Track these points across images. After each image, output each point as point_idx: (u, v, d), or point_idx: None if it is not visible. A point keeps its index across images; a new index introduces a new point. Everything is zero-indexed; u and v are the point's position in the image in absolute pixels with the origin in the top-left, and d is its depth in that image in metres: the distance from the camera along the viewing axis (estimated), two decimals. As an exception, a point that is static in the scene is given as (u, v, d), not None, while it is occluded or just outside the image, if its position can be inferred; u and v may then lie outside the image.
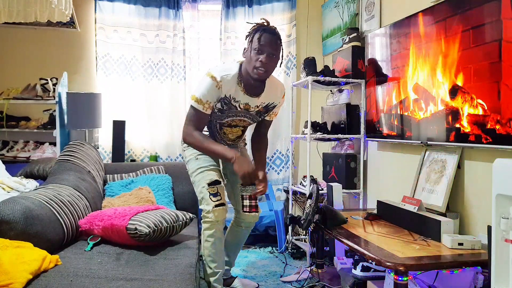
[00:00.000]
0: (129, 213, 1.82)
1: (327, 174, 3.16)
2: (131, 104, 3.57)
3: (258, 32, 1.93)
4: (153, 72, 3.59)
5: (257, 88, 2.07)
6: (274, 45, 1.94)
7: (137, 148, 3.60)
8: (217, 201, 2.02)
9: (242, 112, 2.11)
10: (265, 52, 1.91)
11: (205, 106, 2.02)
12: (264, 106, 2.15)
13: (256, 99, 2.09)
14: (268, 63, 1.93)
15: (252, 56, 1.93)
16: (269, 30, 1.95)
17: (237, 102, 2.06)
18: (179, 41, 3.57)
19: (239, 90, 2.03)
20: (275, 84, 2.16)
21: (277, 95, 2.18)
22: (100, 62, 3.51)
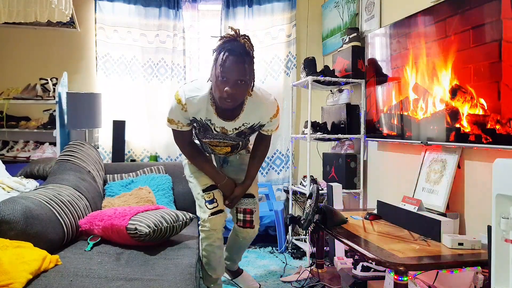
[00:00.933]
0: (129, 213, 1.82)
1: (327, 174, 3.16)
2: (131, 104, 3.57)
3: (222, 53, 1.66)
4: (153, 72, 3.59)
5: (233, 112, 1.84)
6: (241, 70, 1.65)
7: (137, 148, 3.60)
8: (213, 209, 1.95)
9: (219, 135, 1.94)
10: (230, 81, 1.65)
11: (178, 125, 1.90)
12: (249, 127, 1.93)
13: (232, 122, 1.87)
14: (236, 92, 1.67)
15: (217, 83, 1.68)
16: (234, 50, 1.64)
17: (213, 124, 1.88)
18: (179, 41, 3.57)
19: (211, 112, 1.83)
20: (259, 103, 1.86)
21: (263, 116, 1.90)
22: (100, 62, 3.51)
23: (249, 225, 2.08)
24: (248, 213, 2.07)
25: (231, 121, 1.86)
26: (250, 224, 2.08)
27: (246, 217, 2.07)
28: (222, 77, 1.65)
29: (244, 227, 2.08)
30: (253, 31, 3.59)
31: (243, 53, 1.66)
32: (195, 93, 1.81)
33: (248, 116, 1.87)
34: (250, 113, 1.87)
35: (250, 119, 1.89)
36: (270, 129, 2.02)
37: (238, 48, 1.65)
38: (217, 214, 1.95)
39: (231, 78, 1.65)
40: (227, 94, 1.66)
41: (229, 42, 1.67)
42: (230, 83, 1.65)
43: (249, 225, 2.08)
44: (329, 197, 2.75)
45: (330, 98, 3.34)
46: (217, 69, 1.66)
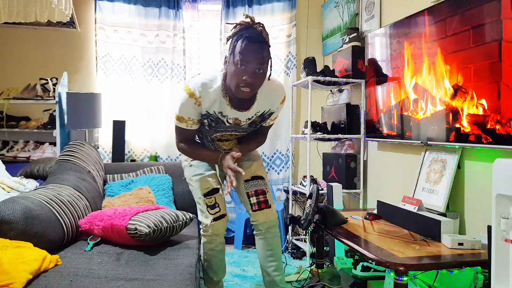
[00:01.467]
0: (129, 213, 1.82)
1: (327, 174, 3.16)
2: (131, 104, 3.57)
3: (240, 40, 1.59)
4: (153, 72, 3.59)
5: (246, 102, 1.77)
6: (260, 58, 1.59)
7: (137, 148, 3.60)
8: (216, 214, 1.88)
9: (232, 127, 1.86)
10: (249, 68, 1.58)
11: (188, 123, 1.80)
12: (259, 115, 1.86)
13: (246, 112, 1.80)
14: (254, 81, 1.61)
15: (235, 72, 1.61)
16: (253, 37, 1.59)
17: (225, 116, 1.80)
18: (179, 41, 3.57)
19: (224, 104, 1.75)
20: (270, 90, 1.81)
21: (274, 102, 1.84)
22: (100, 62, 3.51)
23: (265, 205, 1.89)
24: (260, 193, 1.90)
25: (245, 111, 1.78)
26: (265, 204, 1.89)
27: (259, 198, 1.90)
28: (241, 65, 1.58)
29: (260, 209, 1.88)
30: (253, 31, 3.59)
31: (261, 41, 1.60)
32: (209, 85, 1.72)
33: (260, 104, 1.81)
34: (262, 101, 1.80)
35: (262, 107, 1.82)
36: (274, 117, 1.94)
37: (256, 36, 1.59)
38: (219, 219, 1.89)
39: (250, 66, 1.59)
40: (245, 83, 1.60)
41: (245, 29, 1.61)
42: (249, 72, 1.59)
43: (264, 206, 1.89)
44: (329, 197, 2.75)
45: (330, 98, 3.34)
46: (236, 57, 1.59)
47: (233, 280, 2.54)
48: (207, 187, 1.91)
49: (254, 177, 1.94)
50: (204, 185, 1.91)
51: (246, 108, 1.78)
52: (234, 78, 1.62)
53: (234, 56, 1.60)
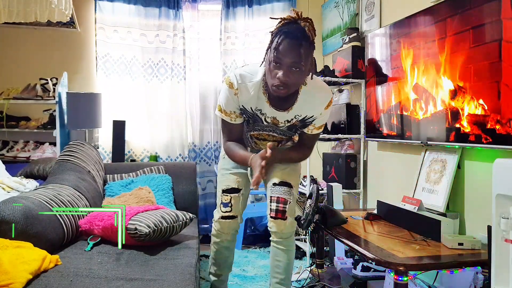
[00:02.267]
0: (129, 213, 1.82)
1: (327, 174, 3.16)
2: (131, 104, 3.57)
3: (278, 36, 1.53)
4: (153, 72, 3.59)
5: (286, 101, 1.70)
6: (296, 55, 1.51)
7: (137, 148, 3.60)
8: (226, 213, 1.85)
9: (269, 126, 1.78)
10: (284, 65, 1.53)
11: (232, 117, 1.75)
12: (300, 120, 1.76)
13: (285, 113, 1.72)
14: (289, 79, 1.54)
15: (270, 69, 1.57)
16: (292, 33, 1.51)
17: (263, 114, 1.74)
18: (179, 41, 3.57)
19: (263, 101, 1.70)
20: (314, 92, 1.70)
21: (317, 106, 1.72)
22: (100, 62, 3.51)
23: (281, 215, 1.77)
24: (281, 202, 1.78)
25: (284, 111, 1.71)
26: (282, 215, 1.77)
27: (278, 206, 1.78)
28: (276, 62, 1.53)
29: (275, 218, 1.77)
30: (253, 31, 3.60)
31: (300, 37, 1.51)
32: (249, 78, 1.67)
33: (302, 108, 1.72)
34: (304, 104, 1.71)
35: (303, 110, 1.73)
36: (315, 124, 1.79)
37: (296, 31, 1.51)
38: (228, 219, 1.86)
39: (285, 63, 1.52)
40: (280, 80, 1.53)
41: (288, 24, 1.54)
42: (283, 69, 1.53)
43: (281, 216, 1.77)
44: (329, 197, 2.75)
45: (330, 98, 3.34)
46: (271, 53, 1.55)
47: (233, 280, 2.54)
48: (227, 184, 1.88)
49: (282, 183, 1.82)
50: (225, 181, 1.89)
51: (286, 108, 1.71)
52: (269, 75, 1.58)
53: (270, 52, 1.56)
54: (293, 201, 1.85)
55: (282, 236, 1.81)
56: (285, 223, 1.78)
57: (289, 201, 1.81)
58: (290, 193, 1.82)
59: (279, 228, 1.78)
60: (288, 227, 1.79)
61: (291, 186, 1.83)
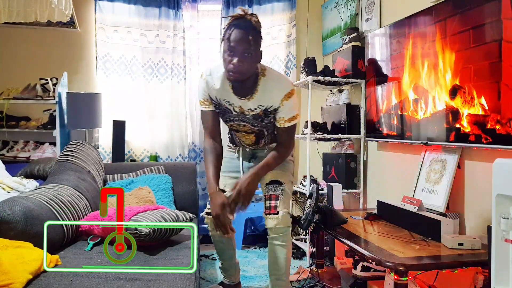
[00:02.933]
0: (129, 213, 1.82)
1: (327, 174, 3.16)
2: (131, 104, 3.57)
3: (229, 29, 1.71)
4: (153, 72, 3.59)
5: (247, 89, 1.83)
6: (246, 42, 1.69)
7: (137, 148, 3.60)
8: (209, 209, 2.01)
9: (238, 116, 1.92)
10: (237, 53, 1.69)
11: (206, 104, 1.95)
12: (263, 110, 1.87)
13: (247, 101, 1.85)
14: (242, 64, 1.70)
15: (225, 58, 1.73)
16: (241, 24, 1.70)
17: (231, 105, 1.90)
18: (179, 41, 3.57)
19: (230, 92, 1.86)
20: (272, 82, 1.84)
21: (274, 97, 1.83)
22: (100, 62, 3.51)
23: (273, 210, 1.88)
24: (273, 198, 1.91)
25: (245, 99, 1.85)
26: (274, 210, 1.88)
27: (271, 203, 1.90)
28: (230, 50, 1.70)
29: (268, 214, 1.89)
30: (253, 31, 3.59)
31: (248, 27, 1.71)
32: (215, 71, 1.88)
33: (263, 98, 1.84)
34: (263, 94, 1.84)
35: (264, 100, 1.85)
36: (283, 116, 1.87)
37: (244, 23, 1.71)
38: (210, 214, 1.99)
39: (237, 50, 1.69)
40: (234, 65, 1.70)
41: (236, 19, 1.72)
42: (237, 55, 1.69)
43: (273, 211, 1.88)
44: (329, 197, 2.75)
45: (330, 98, 3.34)
46: (225, 44, 1.73)
47: (233, 280, 2.54)
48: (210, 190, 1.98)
49: (273, 181, 1.96)
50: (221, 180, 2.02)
51: (246, 96, 1.85)
52: (225, 63, 1.74)
53: (224, 43, 1.73)
54: (285, 196, 1.94)
55: (277, 231, 1.88)
56: (277, 217, 1.87)
57: (280, 196, 1.92)
58: (281, 189, 1.94)
59: (272, 223, 1.88)
60: (281, 221, 1.87)
61: (282, 183, 1.95)
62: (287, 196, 1.96)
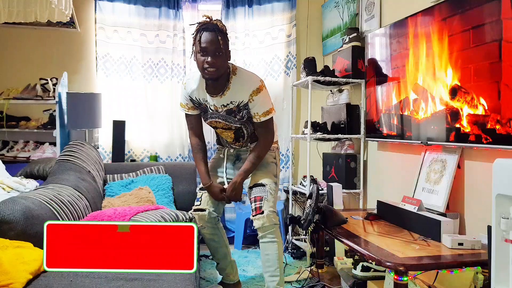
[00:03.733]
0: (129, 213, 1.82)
1: (327, 174, 3.16)
2: (131, 104, 3.57)
3: (199, 33, 1.90)
4: (153, 72, 3.59)
5: (218, 87, 1.99)
6: (216, 43, 1.88)
7: (137, 148, 3.60)
8: (196, 206, 2.16)
9: (214, 113, 2.09)
10: (209, 53, 1.88)
11: (186, 108, 2.15)
12: (236, 106, 2.02)
13: (220, 98, 2.01)
14: (216, 62, 1.88)
15: (198, 59, 1.91)
16: (209, 28, 1.88)
17: (208, 103, 2.08)
18: (179, 41, 3.57)
19: (205, 90, 2.05)
20: (242, 80, 2.01)
21: (245, 91, 1.99)
22: (100, 62, 3.51)
23: (258, 211, 1.99)
24: (258, 200, 2.02)
25: (217, 96, 2.01)
26: (259, 210, 1.98)
27: (256, 204, 2.02)
28: (202, 51, 1.88)
29: (255, 215, 2.00)
30: (253, 31, 3.60)
31: (216, 29, 1.88)
32: (193, 75, 2.11)
33: (234, 94, 2.00)
34: (235, 91, 2.00)
35: (236, 97, 2.01)
36: (257, 112, 2.03)
37: (212, 26, 1.88)
38: (198, 211, 2.14)
39: (209, 50, 1.87)
40: (208, 63, 1.87)
41: (204, 24, 1.90)
42: (210, 55, 1.87)
43: (258, 212, 1.99)
44: (329, 197, 2.75)
45: (330, 98, 3.34)
46: (197, 46, 1.90)
47: (233, 280, 2.54)
48: (205, 183, 2.15)
49: (256, 185, 2.10)
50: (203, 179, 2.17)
51: (218, 93, 2.01)
52: (199, 63, 1.91)
53: (196, 46, 1.91)
54: (268, 196, 2.05)
55: (265, 229, 2.00)
56: (263, 216, 1.98)
57: (264, 197, 2.04)
58: (264, 190, 2.06)
59: (259, 223, 1.99)
60: (267, 219, 1.98)
61: (264, 185, 2.08)
62: (270, 197, 2.06)
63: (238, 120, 2.07)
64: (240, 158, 2.26)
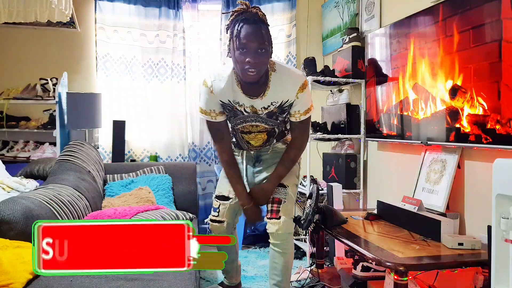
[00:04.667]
0: (129, 213, 1.82)
1: (327, 174, 3.16)
2: (131, 104, 3.57)
3: (237, 25, 1.59)
4: (153, 72, 3.59)
5: (258, 88, 1.73)
6: (259, 37, 1.57)
7: (137, 148, 3.60)
8: (213, 217, 1.99)
9: (250, 116, 1.81)
10: (251, 50, 1.57)
11: (212, 115, 1.80)
12: (278, 106, 1.78)
13: (260, 100, 1.75)
14: (258, 61, 1.59)
15: (237, 57, 1.60)
16: (249, 19, 1.58)
17: (242, 106, 1.78)
18: (179, 41, 3.57)
19: (238, 92, 1.74)
20: (285, 78, 1.74)
21: (289, 89, 1.74)
22: (100, 62, 3.51)
23: (275, 215, 1.82)
24: (276, 202, 1.85)
25: (258, 98, 1.74)
26: (275, 215, 1.82)
27: (273, 206, 1.85)
28: (242, 48, 1.57)
29: (270, 218, 1.85)
30: (253, 31, 3.59)
31: (258, 20, 1.59)
32: (219, 74, 1.75)
33: (275, 93, 1.74)
34: (276, 90, 1.74)
35: (278, 96, 1.75)
36: (298, 110, 1.78)
37: (252, 17, 1.58)
38: (215, 222, 1.98)
39: (251, 47, 1.57)
40: (249, 64, 1.57)
41: (241, 14, 1.60)
42: (251, 53, 1.57)
43: (274, 216, 1.82)
44: (329, 197, 2.75)
45: (330, 98, 3.34)
46: (235, 42, 1.59)
47: (233, 280, 2.54)
48: (220, 191, 1.99)
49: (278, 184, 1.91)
50: (220, 187, 2.00)
51: (258, 95, 1.74)
52: (238, 62, 1.61)
53: (234, 42, 1.60)
54: (288, 201, 1.88)
55: (278, 237, 1.84)
56: (278, 222, 1.82)
57: (283, 200, 1.86)
58: (285, 192, 1.88)
59: (274, 228, 1.83)
60: (282, 227, 1.82)
61: (286, 186, 1.90)
62: (290, 201, 1.90)
63: (281, 122, 1.85)
64: (260, 160, 2.03)
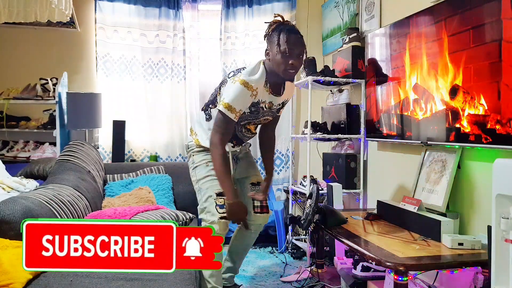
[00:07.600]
0: (129, 213, 1.82)
1: (327, 174, 3.16)
2: (131, 104, 3.57)
3: (283, 33, 1.89)
4: (153, 72, 3.59)
5: (280, 88, 2.08)
6: (300, 45, 1.93)
7: (137, 148, 3.60)
8: (223, 213, 1.95)
9: (266, 111, 2.10)
10: (294, 54, 1.89)
11: (236, 115, 1.93)
12: (281, 103, 2.16)
13: (279, 98, 2.09)
14: (299, 63, 1.94)
15: (282, 59, 1.88)
16: (293, 30, 1.94)
17: (264, 103, 2.05)
18: (179, 41, 3.57)
19: (266, 92, 2.01)
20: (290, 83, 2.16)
21: (291, 93, 2.20)
22: (100, 62, 3.51)
23: (266, 210, 2.17)
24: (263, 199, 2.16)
25: (279, 95, 2.08)
26: (266, 209, 2.18)
27: (263, 202, 2.16)
28: (287, 52, 1.87)
29: (261, 213, 2.16)
30: (253, 31, 3.59)
31: (298, 31, 1.96)
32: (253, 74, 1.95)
33: (286, 92, 2.12)
34: (287, 90, 2.12)
35: (286, 95, 2.14)
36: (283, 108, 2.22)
37: (293, 28, 1.95)
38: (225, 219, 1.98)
39: (295, 52, 1.89)
40: (292, 66, 1.89)
41: (282, 24, 1.94)
42: (294, 56, 1.89)
43: (266, 210, 2.17)
44: (329, 197, 2.75)
45: (330, 98, 3.34)
46: (282, 46, 1.88)
47: (233, 280, 2.54)
48: (218, 189, 1.99)
49: (259, 183, 2.20)
50: (216, 186, 1.99)
51: (279, 92, 2.08)
52: (281, 64, 1.90)
53: (279, 46, 1.89)
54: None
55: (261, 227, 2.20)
56: (268, 215, 2.18)
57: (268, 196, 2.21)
58: None
59: (264, 221, 2.17)
60: (268, 218, 2.20)
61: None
62: None
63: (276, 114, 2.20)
64: (238, 159, 2.22)
